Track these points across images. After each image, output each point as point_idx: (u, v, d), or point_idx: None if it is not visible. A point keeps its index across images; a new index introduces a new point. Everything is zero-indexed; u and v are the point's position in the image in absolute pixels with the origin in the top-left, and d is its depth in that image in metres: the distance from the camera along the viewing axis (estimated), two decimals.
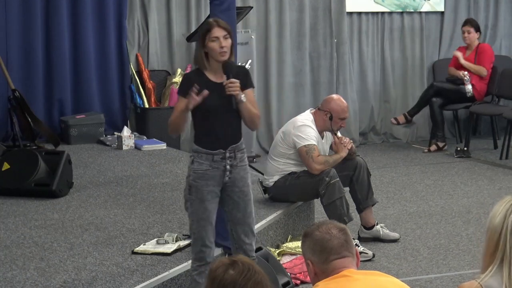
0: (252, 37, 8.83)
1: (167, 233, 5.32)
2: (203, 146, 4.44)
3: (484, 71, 9.56)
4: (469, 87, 9.38)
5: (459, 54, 9.61)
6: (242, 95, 4.42)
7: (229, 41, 4.41)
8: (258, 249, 5.28)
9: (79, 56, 8.67)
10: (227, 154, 4.45)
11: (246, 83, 4.51)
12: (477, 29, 9.67)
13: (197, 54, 4.50)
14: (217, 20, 4.48)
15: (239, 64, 4.59)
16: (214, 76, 4.46)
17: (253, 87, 4.65)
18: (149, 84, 8.89)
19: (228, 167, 4.45)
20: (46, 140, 8.11)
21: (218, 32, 4.38)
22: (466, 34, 9.65)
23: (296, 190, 6.19)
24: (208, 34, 4.40)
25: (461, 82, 9.43)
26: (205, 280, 2.69)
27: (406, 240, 6.36)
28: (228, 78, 4.41)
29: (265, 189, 6.35)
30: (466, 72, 9.43)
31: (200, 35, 4.46)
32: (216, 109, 4.42)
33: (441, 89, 9.62)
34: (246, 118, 4.48)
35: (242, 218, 4.55)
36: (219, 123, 4.44)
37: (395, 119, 9.75)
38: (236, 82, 4.39)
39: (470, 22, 9.70)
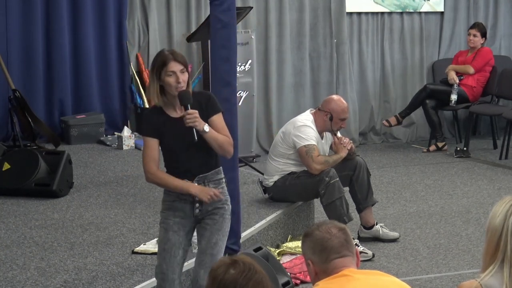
0: (252, 37, 8.82)
1: None
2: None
3: (470, 69, 9.56)
4: (454, 96, 9.39)
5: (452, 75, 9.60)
6: (205, 125, 4.14)
7: (186, 75, 4.14)
8: (258, 249, 5.29)
9: (80, 56, 8.66)
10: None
11: (211, 109, 4.23)
12: (483, 35, 9.67)
13: (150, 89, 4.19)
14: (173, 53, 4.17)
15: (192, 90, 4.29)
16: (174, 112, 4.22)
17: (221, 111, 4.29)
18: None
19: (196, 198, 4.20)
20: (47, 140, 8.11)
21: (174, 66, 4.11)
22: (471, 37, 9.64)
23: (296, 190, 6.19)
24: (164, 68, 4.11)
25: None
26: (206, 279, 2.67)
27: (405, 240, 6.36)
28: (186, 109, 4.13)
29: (265, 189, 6.36)
30: (458, 81, 9.44)
31: (153, 68, 4.15)
32: (180, 146, 4.19)
33: (435, 91, 9.60)
34: (215, 147, 4.19)
35: (204, 247, 4.25)
36: (184, 158, 4.21)
37: (387, 121, 9.73)
38: (193, 113, 4.11)
39: (478, 26, 9.69)
